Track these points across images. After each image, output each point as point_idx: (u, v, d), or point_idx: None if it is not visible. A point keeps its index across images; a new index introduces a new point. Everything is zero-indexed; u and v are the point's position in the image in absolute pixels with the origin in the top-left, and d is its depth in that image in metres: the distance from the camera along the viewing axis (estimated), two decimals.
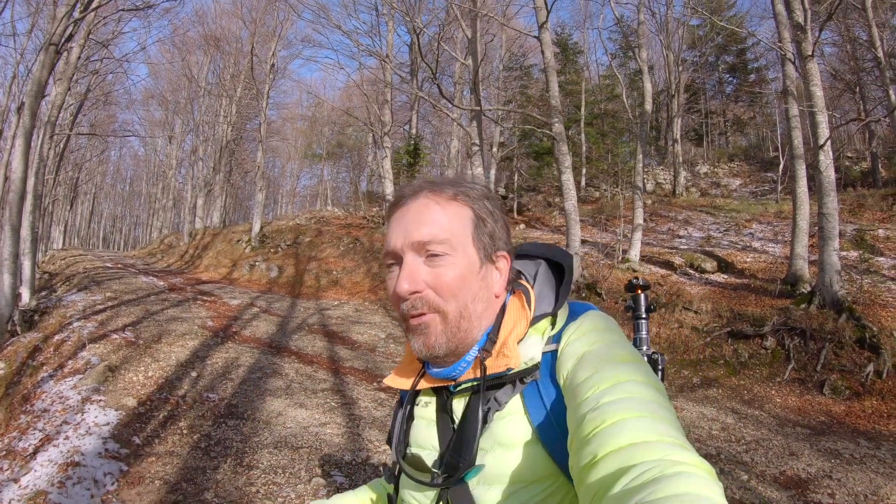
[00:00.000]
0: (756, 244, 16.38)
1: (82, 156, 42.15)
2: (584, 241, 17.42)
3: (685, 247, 16.91)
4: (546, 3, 14.08)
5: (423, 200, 1.17)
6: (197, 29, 37.48)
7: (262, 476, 5.66)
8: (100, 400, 7.54)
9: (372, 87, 30.27)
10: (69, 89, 18.84)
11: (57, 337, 10.83)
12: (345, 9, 35.61)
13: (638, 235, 15.79)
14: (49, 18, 15.93)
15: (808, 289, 11.76)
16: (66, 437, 6.33)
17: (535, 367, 1.12)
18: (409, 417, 1.31)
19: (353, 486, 5.43)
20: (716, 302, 12.33)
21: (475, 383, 1.15)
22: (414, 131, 29.61)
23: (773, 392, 9.34)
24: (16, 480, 5.50)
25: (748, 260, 14.84)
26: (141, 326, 11.69)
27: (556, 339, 1.15)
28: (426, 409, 1.26)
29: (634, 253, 15.53)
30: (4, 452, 6.38)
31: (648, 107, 17.48)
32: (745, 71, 34.94)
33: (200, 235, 34.68)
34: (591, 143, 29.92)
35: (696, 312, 12.07)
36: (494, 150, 30.11)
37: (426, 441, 1.23)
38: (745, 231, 17.82)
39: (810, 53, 11.57)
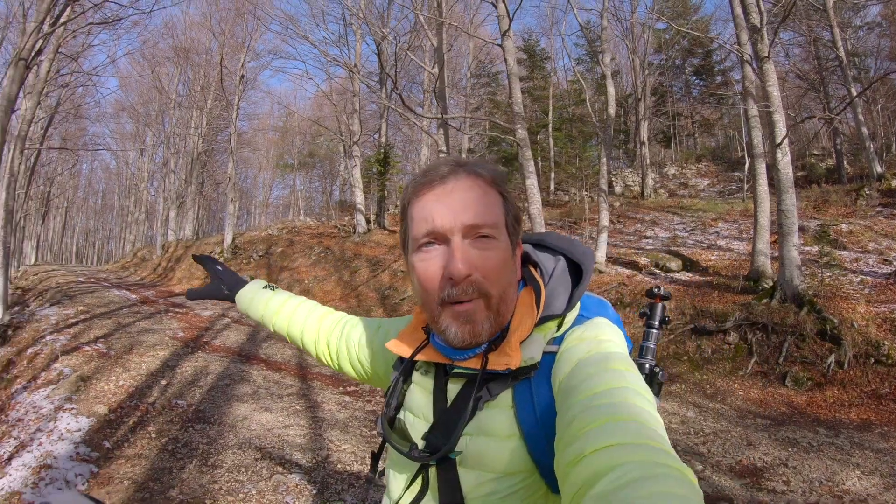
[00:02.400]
0: (721, 242, 16.56)
1: (53, 169, 41.74)
2: None
3: (651, 247, 17.06)
4: (508, 12, 14.18)
5: (467, 180, 1.16)
6: (167, 41, 37.24)
7: (226, 475, 5.78)
8: (72, 408, 7.64)
9: (341, 97, 30.36)
10: (39, 103, 18.69)
11: (30, 350, 10.85)
12: (313, 19, 35.70)
13: (604, 237, 15.88)
14: (18, 33, 15.85)
15: (770, 284, 11.88)
16: (40, 444, 6.45)
17: (533, 367, 1.13)
18: (406, 382, 1.32)
19: (312, 482, 5.57)
20: (679, 300, 12.44)
21: (473, 372, 1.16)
22: (384, 140, 29.62)
23: (735, 386, 9.48)
24: None
25: (713, 258, 15.00)
26: (113, 338, 11.72)
27: (559, 341, 1.17)
28: (425, 378, 1.28)
29: (600, 254, 15.63)
30: None
31: (612, 111, 17.60)
32: (711, 73, 35.28)
33: (173, 248, 34.55)
34: (559, 148, 30.12)
35: None
36: (487, 161, 30.22)
37: (419, 409, 1.25)
38: (710, 230, 18.01)
39: (766, 55, 11.76)
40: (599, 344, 1.09)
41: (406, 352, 1.29)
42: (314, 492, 5.38)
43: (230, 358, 11.09)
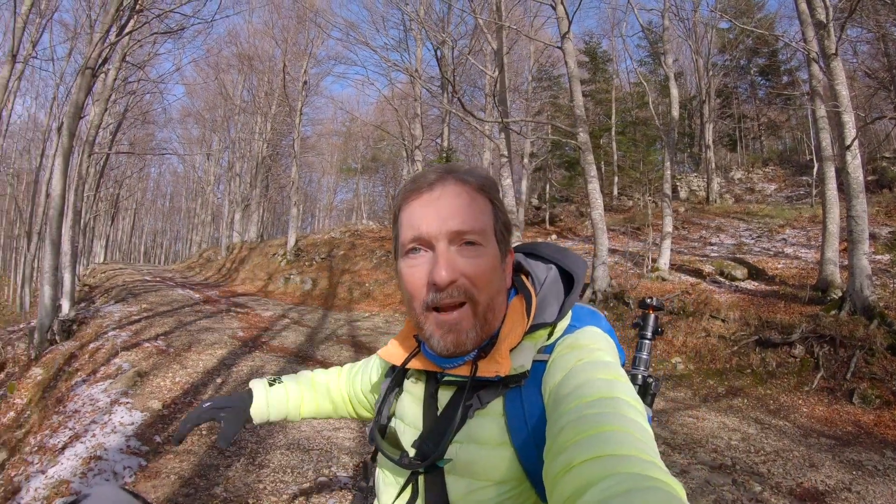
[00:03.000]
0: (788, 250, 16.13)
1: (123, 172, 43.02)
2: (614, 251, 17.35)
3: (716, 254, 16.69)
4: (567, 14, 14.08)
5: (454, 187, 1.16)
6: (230, 49, 38.10)
7: (272, 475, 5.83)
8: (127, 402, 7.86)
9: (402, 102, 30.48)
10: (106, 110, 19.24)
11: (92, 345, 11.18)
12: (373, 25, 35.77)
13: (667, 244, 15.61)
14: (86, 43, 16.34)
15: (839, 295, 11.48)
16: (93, 435, 6.65)
17: (523, 375, 1.12)
18: (398, 391, 1.32)
19: (356, 487, 5.54)
20: (744, 310, 12.12)
21: (463, 380, 1.16)
22: (446, 144, 29.65)
23: (800, 402, 9.13)
24: (43, 472, 5.85)
25: (779, 266, 14.61)
26: (173, 336, 12.01)
27: (549, 349, 1.16)
28: (415, 386, 1.27)
29: (664, 261, 15.37)
30: (36, 448, 6.81)
31: (675, 113, 17.29)
32: (777, 73, 33.94)
33: (237, 249, 35.14)
34: (622, 152, 29.74)
35: (723, 321, 11.89)
36: (526, 160, 30.06)
37: (410, 417, 1.24)
38: (777, 237, 17.55)
39: (833, 52, 11.35)
40: (591, 353, 1.10)
41: (397, 359, 1.31)
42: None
43: (287, 358, 11.20)
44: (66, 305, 14.56)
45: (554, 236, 23.83)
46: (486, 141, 27.77)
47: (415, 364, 1.27)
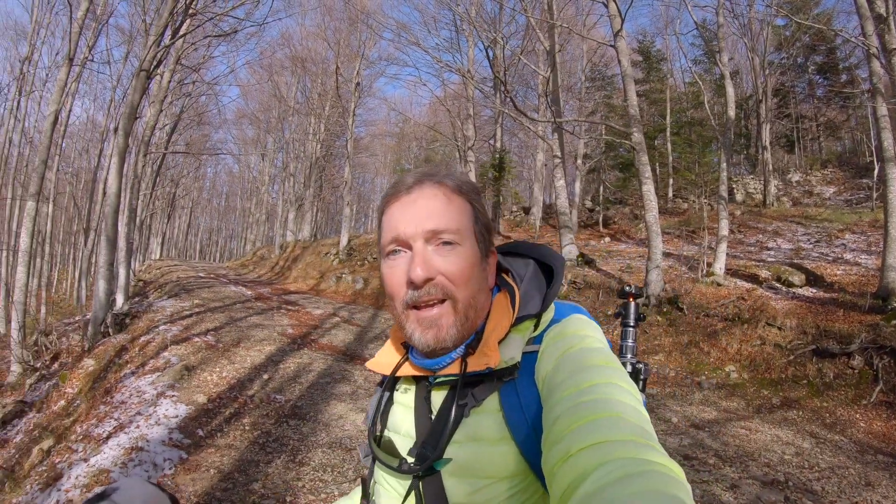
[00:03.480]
0: (848, 256, 15.64)
1: (179, 172, 44.16)
2: (668, 254, 17.06)
3: (773, 259, 16.28)
4: (620, 12, 13.91)
5: (431, 190, 1.19)
6: (284, 51, 38.69)
7: (311, 473, 5.90)
8: (173, 395, 8.07)
9: (455, 103, 30.51)
10: (162, 111, 19.68)
11: (143, 338, 11.47)
12: (425, 26, 35.89)
13: (723, 248, 15.27)
14: (142, 46, 16.70)
15: None
16: (137, 426, 6.83)
17: (515, 367, 1.13)
18: (389, 401, 1.32)
19: None
20: (801, 317, 11.78)
21: (455, 378, 1.16)
22: (499, 145, 29.60)
23: (857, 416, 8.81)
24: (86, 460, 6.00)
25: (838, 273, 14.18)
26: (223, 331, 12.28)
27: (538, 340, 1.17)
28: (405, 396, 1.28)
29: (719, 266, 15.05)
30: (82, 437, 7.00)
31: (731, 113, 16.88)
32: (835, 71, 32.70)
33: (291, 248, 35.58)
34: (677, 153, 29.26)
35: (779, 329, 11.57)
36: (579, 162, 29.85)
37: (402, 427, 1.24)
38: (836, 242, 17.05)
39: (895, 47, 10.99)
40: (582, 340, 1.11)
41: (386, 369, 1.31)
42: None
43: (335, 356, 11.33)
44: (120, 299, 14.94)
45: (607, 239, 23.56)
46: (540, 142, 27.61)
47: (404, 371, 1.27)
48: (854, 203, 22.86)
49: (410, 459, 1.17)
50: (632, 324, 1.73)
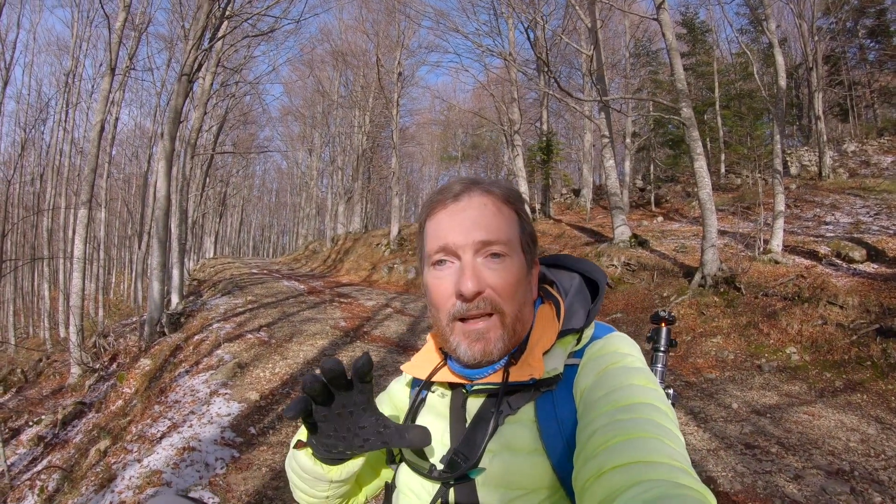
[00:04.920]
0: None
1: (228, 171, 44.95)
2: (723, 232, 16.70)
3: (831, 234, 15.75)
4: None
5: (481, 199, 1.17)
6: (324, 46, 39.34)
7: None
8: (226, 393, 8.17)
9: (499, 87, 30.39)
10: (206, 113, 20.00)
11: (197, 337, 11.67)
12: (463, 12, 35.78)
13: (779, 224, 14.86)
14: (182, 51, 16.94)
15: None
16: (190, 426, 6.91)
17: (556, 378, 1.13)
18: (421, 404, 1.30)
19: None
20: (864, 295, 11.30)
21: (494, 387, 1.15)
22: (545, 127, 29.35)
23: None
24: (139, 461, 6.07)
25: None
26: (275, 327, 12.40)
27: (579, 354, 1.17)
28: (441, 401, 1.26)
29: (776, 243, 14.65)
30: (137, 437, 7.08)
31: (783, 83, 16.33)
32: (887, 34, 31.24)
33: (342, 241, 35.96)
34: (728, 127, 28.58)
35: (841, 307, 11.15)
36: (628, 140, 29.52)
37: (435, 433, 1.19)
38: None
39: None
40: (623, 358, 1.11)
41: (422, 373, 1.28)
42: None
43: (388, 348, 11.34)
44: (175, 299, 15.23)
45: (660, 218, 23.19)
46: (587, 122, 27.41)
47: (441, 377, 1.25)
48: None
49: (440, 466, 1.16)
50: (662, 349, 1.75)
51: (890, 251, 13.34)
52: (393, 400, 1.47)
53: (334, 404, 1.06)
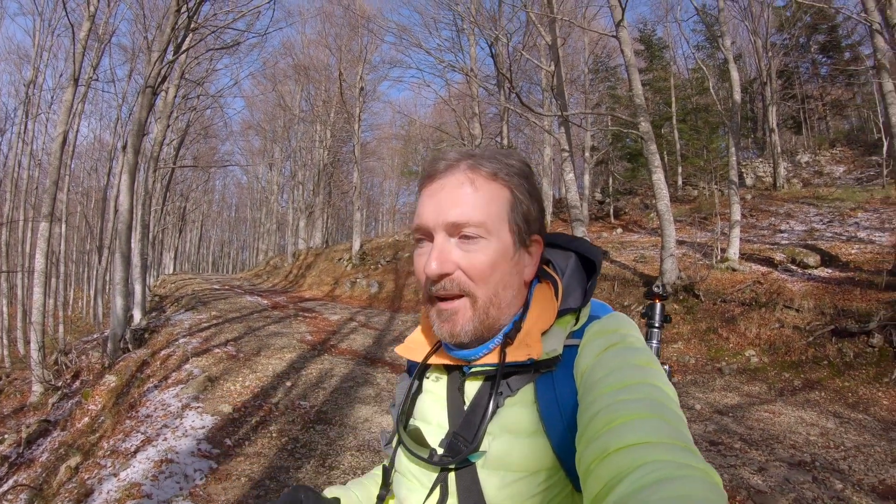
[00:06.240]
0: (862, 234, 15.52)
1: (188, 186, 44.46)
2: (682, 242, 17.02)
3: (787, 241, 16.18)
4: (620, 2, 13.89)
5: (459, 177, 1.14)
6: (286, 60, 39.02)
7: (342, 476, 5.97)
8: (198, 407, 8.16)
9: (460, 102, 30.56)
10: (169, 126, 19.81)
11: (164, 352, 11.58)
12: (425, 28, 36.03)
13: (736, 232, 15.21)
14: (145, 63, 16.82)
15: None
16: (165, 439, 6.91)
17: (555, 359, 1.10)
18: (418, 389, 1.29)
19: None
20: (818, 298, 11.71)
21: (491, 368, 1.13)
22: (505, 142, 29.54)
23: (879, 394, 8.76)
24: (116, 475, 6.08)
25: (853, 252, 14.09)
26: (242, 341, 12.36)
27: (579, 334, 1.14)
28: (436, 385, 1.25)
29: (733, 251, 14.99)
30: (109, 452, 7.06)
31: (737, 97, 16.75)
32: (838, 49, 32.18)
33: (303, 256, 35.74)
34: (685, 140, 29.15)
35: (797, 311, 11.52)
36: (587, 154, 29.81)
37: (433, 416, 1.21)
38: (849, 221, 16.92)
39: None
40: (623, 338, 1.08)
41: (418, 356, 1.29)
42: None
43: (355, 361, 11.40)
44: (137, 315, 15.06)
45: (619, 230, 23.51)
46: (546, 137, 27.61)
47: (437, 359, 1.24)
48: (865, 181, 22.62)
49: (441, 451, 1.14)
50: (657, 325, 1.73)
51: (843, 256, 13.80)
52: (399, 389, 1.42)
53: None
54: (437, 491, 1.13)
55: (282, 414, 8.02)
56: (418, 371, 1.30)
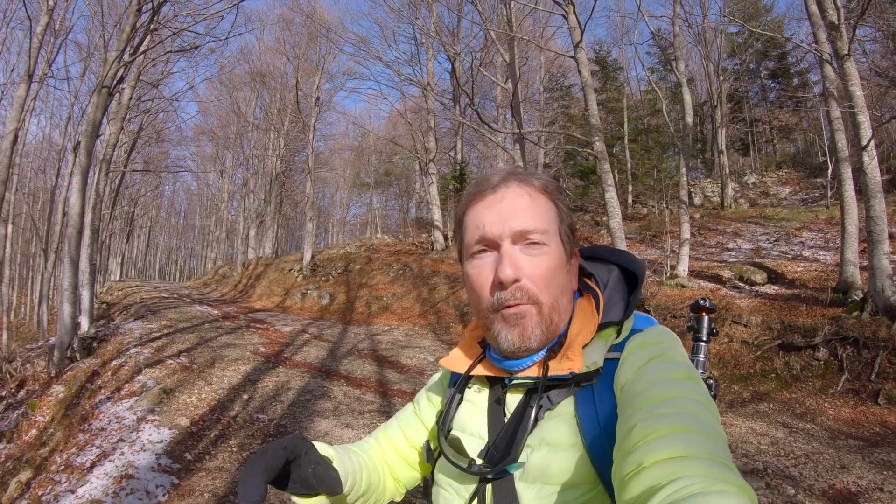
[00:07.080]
0: (807, 253, 16.01)
1: (137, 191, 43.52)
2: None
3: (734, 259, 16.59)
4: (580, 23, 14.09)
5: (516, 189, 1.17)
6: (243, 66, 38.49)
7: None
8: (155, 420, 8.03)
9: (415, 115, 30.64)
10: (122, 128, 19.42)
11: (114, 362, 11.31)
12: (384, 40, 36.07)
13: (685, 250, 15.54)
14: (100, 62, 16.52)
15: (860, 296, 11.39)
16: (122, 453, 6.78)
17: (596, 372, 1.11)
18: (459, 400, 1.30)
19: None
20: (766, 314, 12.05)
21: (533, 381, 1.15)
22: (459, 157, 29.73)
23: (825, 404, 9.07)
24: (73, 491, 5.93)
25: (799, 269, 14.51)
26: (195, 352, 12.18)
27: (620, 348, 1.15)
28: (478, 396, 1.27)
29: (682, 268, 15.30)
30: (63, 467, 6.87)
31: (689, 119, 17.19)
32: (787, 76, 33.73)
33: (253, 265, 35.33)
34: (636, 160, 29.64)
35: (745, 326, 11.82)
36: (540, 171, 30.09)
37: (473, 427, 1.22)
38: (795, 240, 17.42)
39: (846, 52, 11.29)
40: (664, 351, 1.08)
41: (461, 367, 1.29)
42: None
43: (311, 373, 11.31)
44: (85, 323, 14.67)
45: None
46: (499, 153, 27.89)
47: (480, 370, 1.25)
48: (810, 202, 23.37)
49: (479, 461, 1.15)
50: (704, 338, 1.72)
51: (789, 274, 14.20)
52: (431, 398, 1.47)
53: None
54: (475, 502, 1.15)
55: (241, 427, 7.97)
56: (461, 383, 1.31)
